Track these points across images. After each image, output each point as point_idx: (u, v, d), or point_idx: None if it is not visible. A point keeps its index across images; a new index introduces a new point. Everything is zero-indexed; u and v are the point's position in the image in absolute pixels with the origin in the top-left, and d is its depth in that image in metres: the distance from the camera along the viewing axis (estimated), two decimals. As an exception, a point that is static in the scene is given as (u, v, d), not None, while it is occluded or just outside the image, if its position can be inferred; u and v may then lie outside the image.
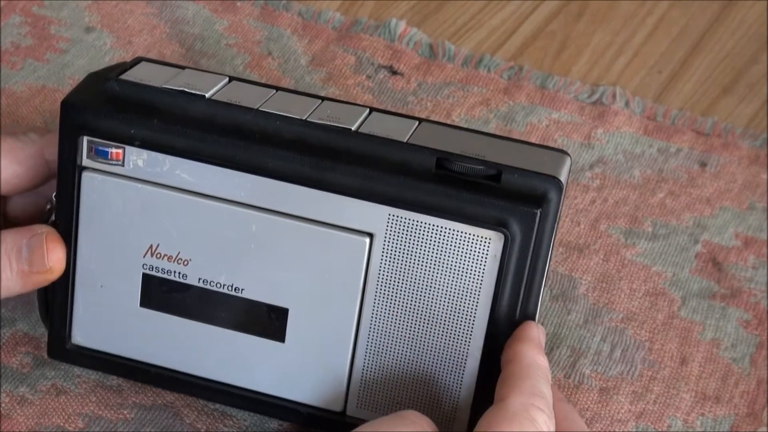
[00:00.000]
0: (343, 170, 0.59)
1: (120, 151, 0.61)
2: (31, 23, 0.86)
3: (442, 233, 0.59)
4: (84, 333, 0.66)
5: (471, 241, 0.59)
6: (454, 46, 0.87)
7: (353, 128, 0.61)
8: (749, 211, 0.79)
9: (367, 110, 0.63)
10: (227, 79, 0.64)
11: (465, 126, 0.82)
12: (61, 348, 0.66)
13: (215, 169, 0.60)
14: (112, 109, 0.61)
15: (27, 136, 0.65)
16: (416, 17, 0.90)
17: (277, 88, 0.64)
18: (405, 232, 0.59)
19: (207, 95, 0.62)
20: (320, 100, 0.63)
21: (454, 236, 0.59)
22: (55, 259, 0.63)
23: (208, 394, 0.66)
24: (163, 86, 0.62)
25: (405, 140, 0.60)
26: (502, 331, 0.60)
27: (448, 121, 0.82)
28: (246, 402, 0.65)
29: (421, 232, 0.59)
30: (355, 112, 0.62)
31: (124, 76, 0.63)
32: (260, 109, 0.61)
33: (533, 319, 0.61)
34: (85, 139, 0.61)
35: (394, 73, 0.86)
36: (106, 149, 0.61)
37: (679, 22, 0.92)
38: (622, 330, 0.72)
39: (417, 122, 0.63)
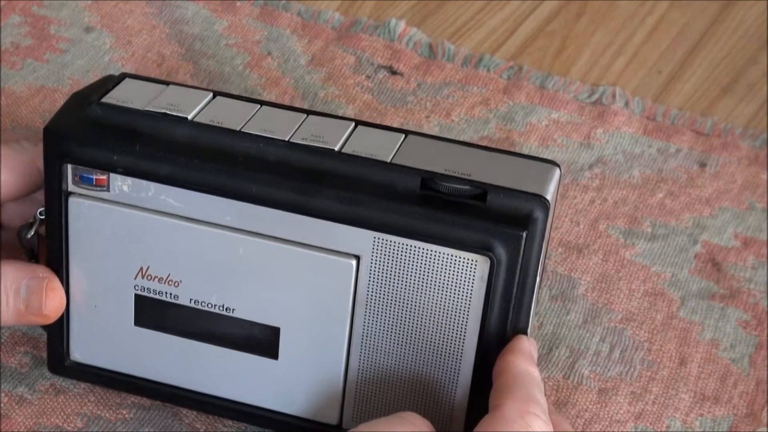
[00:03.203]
0: (327, 195, 0.58)
1: (104, 177, 0.61)
2: (31, 23, 0.86)
3: (429, 256, 0.58)
4: (82, 350, 0.66)
5: (457, 263, 0.58)
6: (454, 46, 0.87)
7: (336, 148, 0.60)
8: (749, 212, 0.79)
9: (353, 124, 0.62)
10: (211, 95, 0.63)
11: (464, 123, 0.82)
12: (61, 364, 0.66)
13: (200, 195, 0.60)
14: (95, 136, 0.60)
15: (20, 145, 0.65)
16: (416, 17, 0.90)
17: (262, 103, 0.63)
18: (391, 255, 0.59)
19: (189, 117, 0.61)
20: (305, 115, 0.62)
21: (441, 258, 0.58)
22: (51, 307, 0.63)
23: (206, 408, 0.66)
24: (146, 109, 0.61)
25: (389, 160, 0.59)
26: (493, 347, 0.60)
27: (448, 121, 0.82)
28: (242, 415, 0.65)
29: (408, 255, 0.59)
30: (339, 127, 0.62)
31: (106, 99, 0.62)
32: (243, 130, 0.60)
33: (525, 333, 0.60)
34: (69, 166, 0.61)
35: (394, 73, 0.86)
36: (91, 176, 0.61)
37: (678, 22, 0.92)
38: (621, 330, 0.72)
39: (403, 136, 0.62)
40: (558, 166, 0.61)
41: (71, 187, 0.61)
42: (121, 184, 0.60)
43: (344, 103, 0.83)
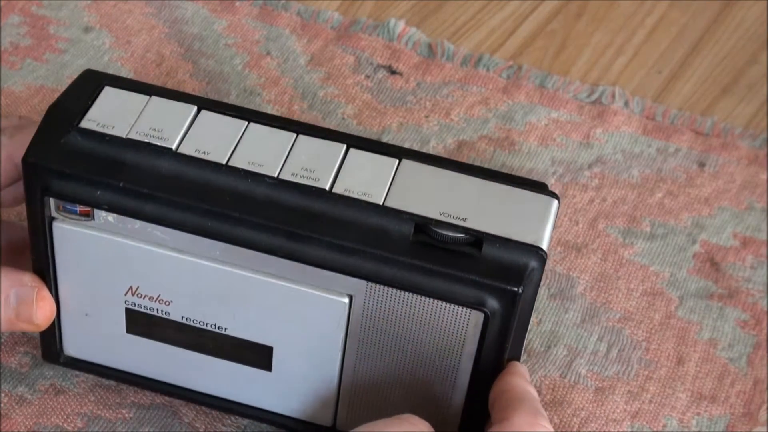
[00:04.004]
0: (318, 242, 0.56)
1: (88, 208, 0.59)
2: (30, 23, 0.86)
3: (422, 305, 0.57)
4: (75, 349, 0.66)
5: (451, 313, 0.57)
6: (453, 45, 0.87)
7: (327, 186, 0.58)
8: (748, 211, 0.79)
9: (344, 148, 0.60)
10: (195, 109, 0.60)
11: (464, 123, 0.82)
12: (54, 357, 0.66)
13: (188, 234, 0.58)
14: (76, 170, 0.58)
15: None
16: (416, 17, 0.90)
17: (249, 118, 0.60)
18: (384, 299, 0.58)
19: (173, 147, 0.58)
20: (295, 135, 0.60)
21: (434, 308, 0.57)
22: (42, 317, 0.63)
23: (201, 400, 0.66)
24: (128, 137, 0.58)
25: (382, 201, 0.57)
26: (486, 377, 0.59)
27: (447, 121, 0.82)
28: (237, 410, 0.65)
29: (401, 301, 0.57)
30: (330, 153, 0.59)
31: (86, 123, 0.59)
32: (229, 164, 0.58)
33: (518, 360, 0.60)
34: (51, 199, 0.59)
35: (393, 72, 0.86)
36: (74, 207, 0.59)
37: (678, 22, 0.92)
38: (619, 330, 0.72)
39: (396, 162, 0.59)
40: (556, 197, 0.59)
41: (54, 214, 0.60)
42: (106, 215, 0.59)
43: (344, 102, 0.83)
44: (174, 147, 0.58)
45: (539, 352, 0.71)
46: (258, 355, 0.62)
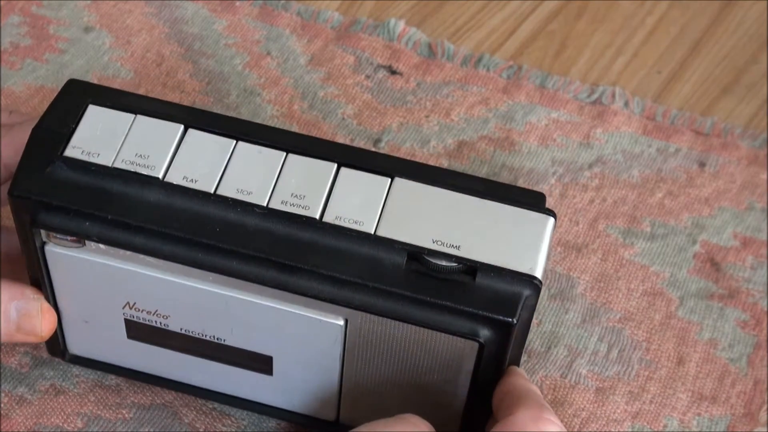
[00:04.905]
0: (309, 273, 0.56)
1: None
2: (30, 23, 0.86)
3: (416, 332, 0.57)
4: (79, 348, 0.66)
5: (445, 341, 0.57)
6: (453, 45, 0.87)
7: (318, 215, 0.57)
8: (748, 212, 0.79)
9: (334, 168, 0.59)
10: (182, 128, 0.59)
11: (464, 123, 0.82)
12: (60, 354, 0.67)
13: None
14: (63, 202, 0.57)
15: None
16: (416, 17, 0.90)
17: (237, 137, 0.59)
18: (379, 327, 0.57)
19: (160, 176, 0.58)
20: (284, 154, 0.59)
21: (429, 336, 0.57)
22: (47, 329, 0.63)
23: (204, 395, 0.66)
24: (114, 165, 0.58)
25: (373, 230, 0.57)
26: (481, 402, 0.59)
27: (447, 121, 0.82)
28: (241, 402, 0.66)
29: (396, 330, 0.57)
30: (321, 175, 0.58)
31: (70, 151, 0.58)
32: (218, 193, 0.57)
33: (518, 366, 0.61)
34: (42, 230, 0.58)
35: (393, 72, 0.86)
36: (65, 236, 0.58)
37: (678, 22, 0.92)
38: (619, 330, 0.72)
39: (389, 182, 0.58)
40: (553, 215, 0.59)
41: (45, 239, 0.59)
42: (97, 243, 0.58)
43: (344, 102, 0.83)
44: (161, 176, 0.58)
45: (540, 352, 0.71)
46: (258, 363, 0.62)
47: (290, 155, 0.59)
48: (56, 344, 0.66)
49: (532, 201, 0.59)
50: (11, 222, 0.72)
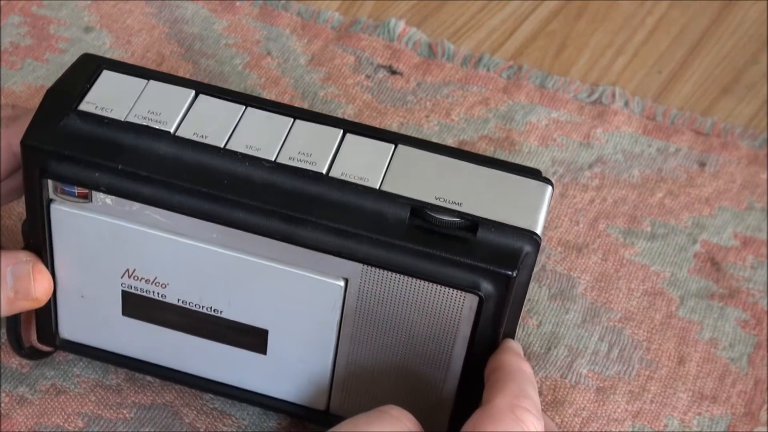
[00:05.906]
0: (315, 225, 0.57)
1: (86, 190, 0.59)
2: (31, 23, 0.86)
3: (417, 287, 0.58)
4: (71, 332, 0.66)
5: (446, 296, 0.58)
6: (453, 45, 0.88)
7: (324, 170, 0.58)
8: (748, 211, 0.79)
9: (340, 133, 0.60)
10: (193, 93, 0.61)
11: (464, 123, 0.82)
12: (50, 339, 0.66)
13: (185, 216, 0.58)
14: (74, 152, 0.58)
15: None
16: (416, 17, 0.90)
17: (247, 102, 0.61)
18: (380, 282, 0.58)
19: (172, 130, 0.59)
20: (292, 120, 0.60)
21: (429, 291, 0.58)
22: (41, 290, 0.63)
23: (196, 383, 0.66)
24: (126, 119, 0.59)
25: (378, 185, 0.58)
26: (480, 360, 0.60)
27: (447, 121, 0.82)
28: (234, 391, 0.66)
29: (397, 284, 0.58)
30: (327, 138, 0.60)
31: (84, 105, 0.59)
32: (227, 147, 0.58)
33: (513, 338, 0.61)
34: (50, 181, 0.59)
35: (394, 72, 0.86)
36: (72, 188, 0.59)
37: (678, 22, 0.92)
38: (620, 330, 0.72)
39: (392, 147, 0.60)
40: (550, 183, 0.60)
41: (52, 196, 0.60)
42: (104, 198, 0.59)
43: (344, 102, 0.83)
44: (172, 130, 0.59)
45: (540, 353, 0.71)
46: (253, 339, 0.62)
47: (298, 120, 0.60)
48: (48, 329, 0.66)
49: (530, 174, 0.60)
50: (11, 222, 0.73)
